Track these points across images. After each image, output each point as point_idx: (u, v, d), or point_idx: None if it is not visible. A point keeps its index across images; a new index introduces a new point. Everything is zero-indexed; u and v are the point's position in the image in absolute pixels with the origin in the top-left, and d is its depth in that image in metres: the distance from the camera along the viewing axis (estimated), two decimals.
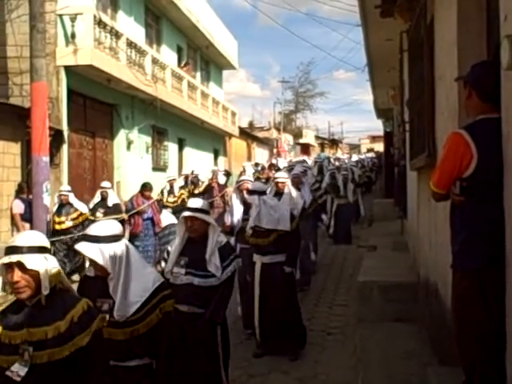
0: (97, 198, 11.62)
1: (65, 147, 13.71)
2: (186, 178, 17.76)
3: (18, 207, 11.19)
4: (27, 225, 10.89)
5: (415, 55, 6.83)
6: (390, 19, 8.31)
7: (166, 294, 3.44)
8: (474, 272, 2.94)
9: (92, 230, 3.34)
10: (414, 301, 6.59)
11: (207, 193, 16.02)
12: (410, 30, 7.20)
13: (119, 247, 3.33)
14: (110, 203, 11.40)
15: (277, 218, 6.41)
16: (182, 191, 15.48)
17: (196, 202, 4.71)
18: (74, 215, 11.05)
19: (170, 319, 3.43)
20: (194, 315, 4.46)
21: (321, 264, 11.23)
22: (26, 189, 11.49)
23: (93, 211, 11.30)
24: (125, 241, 3.43)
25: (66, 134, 13.65)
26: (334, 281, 9.71)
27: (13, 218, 11.34)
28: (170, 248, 4.77)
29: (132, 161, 17.90)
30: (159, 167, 20.30)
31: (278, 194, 8.44)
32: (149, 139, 19.46)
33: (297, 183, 9.70)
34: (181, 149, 23.49)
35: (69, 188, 11.67)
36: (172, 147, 22.06)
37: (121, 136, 17.45)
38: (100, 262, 3.25)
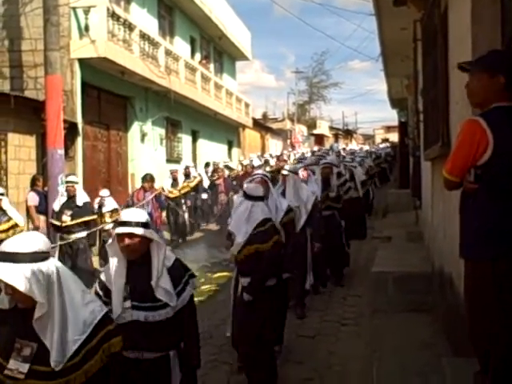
0: (62, 197, 9.98)
1: (79, 140, 13.78)
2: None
3: (33, 199, 11.28)
4: (42, 217, 10.99)
5: (429, 44, 6.78)
6: (403, 8, 8.27)
7: (110, 329, 2.68)
8: (488, 262, 2.91)
9: (8, 246, 2.51)
10: (429, 291, 6.58)
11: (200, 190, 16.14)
12: (424, 18, 7.14)
13: (47, 268, 2.52)
14: (78, 202, 9.78)
15: (244, 229, 5.24)
16: (185, 184, 15.19)
17: (131, 214, 3.60)
18: (5, 226, 8.01)
19: (117, 364, 2.72)
20: (143, 362, 3.49)
21: None
22: (40, 181, 11.57)
23: (58, 215, 9.69)
24: (53, 260, 2.62)
25: (80, 126, 13.72)
26: (349, 271, 9.69)
27: (28, 210, 11.45)
28: (102, 277, 3.69)
29: (146, 153, 17.95)
30: (173, 159, 20.33)
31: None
32: (163, 131, 19.50)
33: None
34: (194, 140, 23.52)
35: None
36: (186, 139, 22.09)
37: (135, 128, 17.50)
38: (21, 288, 2.41)
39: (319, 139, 52.74)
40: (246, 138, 32.35)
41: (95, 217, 10.17)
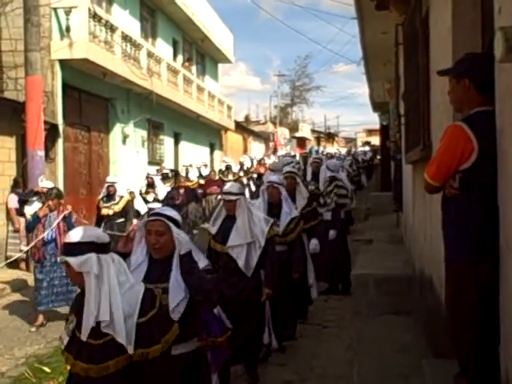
0: None
1: (60, 141, 13.66)
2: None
3: (14, 201, 11.19)
4: (22, 219, 10.88)
5: (411, 48, 6.83)
6: (385, 12, 8.31)
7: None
8: (470, 265, 2.92)
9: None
10: (410, 294, 6.62)
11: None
12: (406, 22, 7.20)
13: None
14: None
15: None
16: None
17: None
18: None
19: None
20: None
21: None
22: (21, 183, 11.47)
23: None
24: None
25: (61, 128, 13.61)
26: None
27: (8, 212, 11.33)
28: None
29: (128, 155, 17.85)
30: (155, 161, 20.24)
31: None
32: (144, 133, 19.42)
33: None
34: (177, 143, 23.45)
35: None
36: (168, 141, 22.02)
37: (116, 130, 17.41)
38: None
39: (301, 142, 52.86)
40: (228, 140, 32.32)
41: None
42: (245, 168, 21.42)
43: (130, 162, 17.64)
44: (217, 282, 4.48)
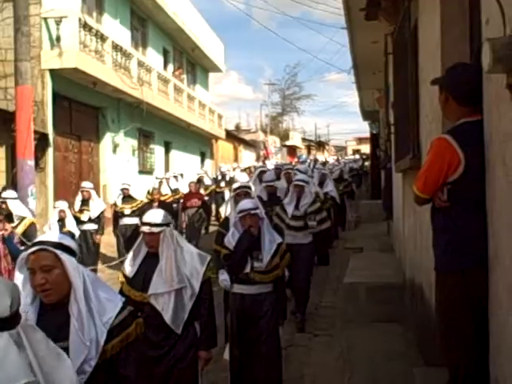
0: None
1: (50, 151, 13.64)
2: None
3: None
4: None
5: (400, 58, 6.88)
6: (375, 22, 8.37)
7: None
8: (459, 274, 2.94)
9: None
10: (401, 302, 6.63)
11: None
12: (395, 32, 7.25)
13: None
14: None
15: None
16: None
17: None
18: None
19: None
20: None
21: None
22: None
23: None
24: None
25: (51, 137, 13.59)
26: (321, 282, 9.72)
27: None
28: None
29: (118, 164, 17.84)
30: (145, 170, 20.24)
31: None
32: (135, 142, 19.42)
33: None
34: (167, 152, 23.45)
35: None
36: (158, 150, 22.02)
37: (107, 139, 17.39)
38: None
39: (292, 151, 53.03)
40: (218, 149, 32.37)
41: None
42: (227, 178, 19.80)
43: (120, 171, 17.62)
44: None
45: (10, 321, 1.97)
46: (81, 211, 10.88)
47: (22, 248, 6.50)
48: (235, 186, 6.89)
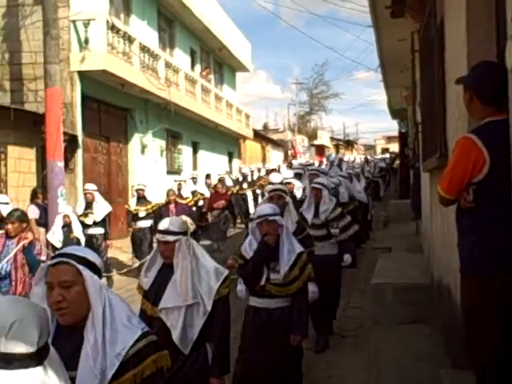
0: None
1: (79, 152, 13.82)
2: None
3: (34, 212, 11.27)
4: (42, 230, 10.99)
5: (426, 56, 6.80)
6: (401, 19, 8.30)
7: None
8: (484, 277, 2.89)
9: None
10: (428, 303, 6.55)
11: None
12: (421, 30, 7.17)
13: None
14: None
15: None
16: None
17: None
18: None
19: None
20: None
21: None
22: (40, 194, 11.58)
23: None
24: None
25: (80, 138, 13.77)
26: (349, 283, 9.66)
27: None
28: None
29: (146, 165, 17.98)
30: (173, 171, 20.36)
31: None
32: (163, 143, 19.55)
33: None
34: (195, 152, 23.57)
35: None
36: (186, 150, 22.14)
37: (135, 140, 17.54)
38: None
39: (320, 150, 52.82)
40: (246, 149, 32.42)
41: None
42: (249, 179, 19.22)
43: (148, 172, 17.76)
44: None
45: (36, 356, 1.62)
46: (85, 215, 10.43)
47: (43, 259, 6.24)
48: (269, 187, 6.64)
